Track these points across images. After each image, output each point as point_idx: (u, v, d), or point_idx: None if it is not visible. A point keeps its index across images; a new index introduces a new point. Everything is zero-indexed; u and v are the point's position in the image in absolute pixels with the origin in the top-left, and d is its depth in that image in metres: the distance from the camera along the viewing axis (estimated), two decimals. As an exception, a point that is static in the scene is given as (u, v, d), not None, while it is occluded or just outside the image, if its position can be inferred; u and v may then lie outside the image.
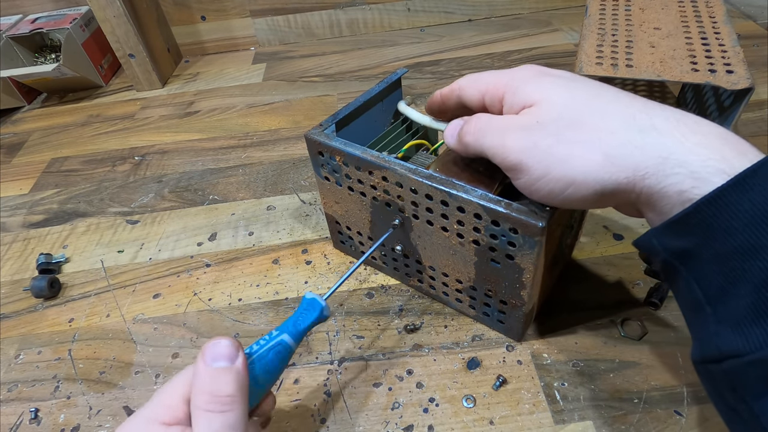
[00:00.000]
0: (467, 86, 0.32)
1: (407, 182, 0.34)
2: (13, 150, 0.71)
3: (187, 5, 0.87)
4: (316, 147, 0.39)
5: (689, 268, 0.23)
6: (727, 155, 0.22)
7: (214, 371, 0.24)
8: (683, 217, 0.22)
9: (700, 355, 0.23)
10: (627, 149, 0.24)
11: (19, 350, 0.43)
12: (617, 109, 0.25)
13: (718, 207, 0.21)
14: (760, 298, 0.20)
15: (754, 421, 0.21)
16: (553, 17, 0.91)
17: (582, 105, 0.26)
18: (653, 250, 0.25)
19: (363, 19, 0.91)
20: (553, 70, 0.29)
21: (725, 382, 0.22)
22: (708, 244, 0.22)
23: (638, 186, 0.24)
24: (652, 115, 0.24)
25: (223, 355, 0.25)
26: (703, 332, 0.23)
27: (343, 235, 0.46)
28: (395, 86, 0.45)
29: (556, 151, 0.25)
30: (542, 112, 0.26)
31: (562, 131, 0.25)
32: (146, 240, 0.53)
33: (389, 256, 0.42)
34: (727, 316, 0.21)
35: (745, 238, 0.20)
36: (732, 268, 0.21)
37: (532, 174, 0.27)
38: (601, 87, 0.27)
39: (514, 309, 0.36)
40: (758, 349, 0.20)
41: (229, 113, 0.74)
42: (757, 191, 0.20)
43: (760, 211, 0.20)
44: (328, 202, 0.43)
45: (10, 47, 0.80)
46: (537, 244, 0.30)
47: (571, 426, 0.33)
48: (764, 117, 0.59)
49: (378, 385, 0.37)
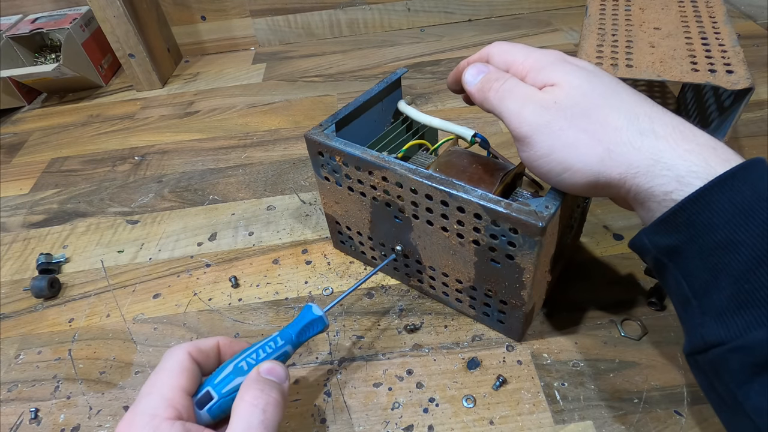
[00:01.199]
0: (496, 55, 0.32)
1: (407, 182, 0.34)
2: (13, 150, 0.71)
3: (187, 5, 0.87)
4: (316, 147, 0.39)
5: (677, 264, 0.25)
6: (712, 163, 0.24)
7: (267, 379, 0.27)
8: (671, 215, 0.24)
9: (689, 348, 0.24)
10: (626, 148, 0.25)
11: (19, 350, 0.43)
12: (627, 108, 0.26)
13: (701, 205, 0.23)
14: (739, 289, 0.22)
15: (739, 407, 0.22)
16: (553, 17, 0.91)
17: (598, 97, 0.27)
18: (645, 249, 0.26)
19: (363, 19, 0.91)
20: (577, 59, 0.30)
21: (712, 372, 0.23)
22: (693, 241, 0.23)
23: (629, 182, 0.26)
24: (654, 120, 0.26)
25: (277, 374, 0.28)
26: (691, 325, 0.24)
27: (343, 235, 0.46)
28: (395, 86, 0.45)
29: (564, 135, 0.27)
30: (562, 94, 0.28)
31: (576, 117, 0.27)
32: (146, 240, 0.53)
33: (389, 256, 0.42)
34: (710, 308, 0.23)
35: (725, 233, 0.22)
36: (714, 263, 0.23)
37: (537, 150, 0.28)
38: (618, 84, 0.28)
39: (514, 309, 0.36)
40: (738, 336, 0.21)
41: (229, 113, 0.74)
42: (736, 191, 0.22)
43: (739, 209, 0.22)
44: (328, 202, 0.43)
45: (10, 47, 0.80)
46: (537, 244, 0.30)
47: (571, 426, 0.33)
48: (764, 117, 0.59)
49: (378, 385, 0.37)
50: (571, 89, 0.27)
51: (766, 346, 0.20)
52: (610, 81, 0.28)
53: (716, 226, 0.22)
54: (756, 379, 0.21)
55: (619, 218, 0.48)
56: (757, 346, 0.21)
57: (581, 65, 0.29)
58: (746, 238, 0.22)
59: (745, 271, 0.21)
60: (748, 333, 0.21)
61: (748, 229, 0.22)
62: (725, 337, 0.22)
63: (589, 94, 0.27)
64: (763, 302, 0.21)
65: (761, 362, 0.21)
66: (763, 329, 0.21)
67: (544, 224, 0.28)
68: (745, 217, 0.22)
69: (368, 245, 0.44)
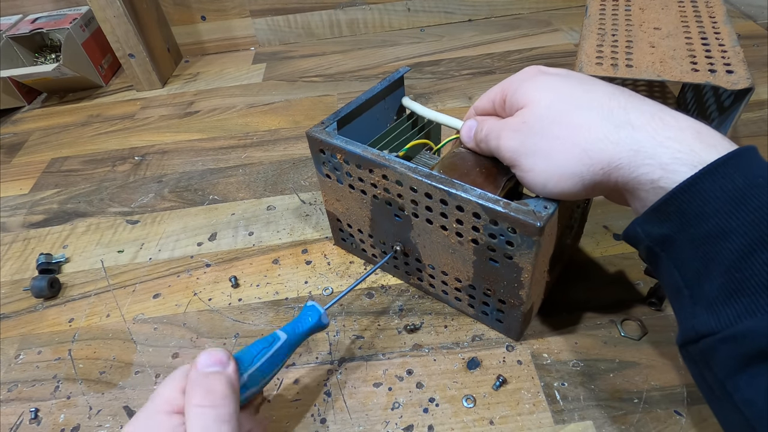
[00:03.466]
0: (478, 103, 0.35)
1: (407, 181, 0.34)
2: (13, 150, 0.71)
3: (187, 5, 0.87)
4: (318, 145, 0.39)
5: (669, 254, 0.24)
6: (696, 148, 0.23)
7: (207, 373, 0.26)
8: (662, 204, 0.24)
9: (681, 338, 0.24)
10: (603, 144, 0.26)
11: (19, 350, 0.43)
12: (598, 105, 0.27)
13: (691, 194, 0.23)
14: (730, 279, 0.21)
15: (728, 399, 0.21)
16: (553, 17, 0.91)
17: (565, 104, 0.28)
18: (638, 238, 0.26)
19: (363, 19, 0.91)
20: (551, 69, 0.31)
21: (702, 362, 0.23)
22: (684, 230, 0.23)
23: (613, 176, 0.26)
24: (629, 110, 0.26)
25: (215, 362, 0.26)
26: (683, 315, 0.24)
27: (344, 232, 0.46)
28: (397, 85, 0.45)
29: (538, 148, 0.28)
30: (528, 113, 0.29)
31: (546, 129, 0.28)
32: (146, 240, 0.53)
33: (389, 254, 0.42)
34: (702, 298, 0.23)
35: (716, 222, 0.22)
36: (705, 252, 0.22)
37: (522, 168, 0.29)
38: (590, 82, 0.29)
39: (513, 308, 0.36)
40: (728, 326, 0.21)
41: (229, 113, 0.74)
42: (727, 179, 0.22)
43: (730, 198, 0.22)
44: (329, 199, 0.43)
45: (10, 47, 0.80)
46: (535, 244, 0.30)
47: (571, 426, 0.33)
48: (764, 117, 0.59)
49: (378, 385, 0.37)
50: (536, 106, 0.29)
51: (755, 336, 0.20)
52: (580, 82, 0.29)
53: (707, 214, 0.22)
54: (746, 370, 0.21)
55: (619, 218, 0.48)
56: (748, 335, 0.20)
57: (552, 73, 0.30)
58: (738, 226, 0.21)
59: (737, 260, 0.21)
60: (739, 322, 0.21)
61: (740, 217, 0.21)
62: (715, 327, 0.21)
63: (556, 102, 0.28)
64: (754, 291, 0.20)
65: (751, 353, 0.20)
66: (754, 319, 0.20)
67: (542, 224, 0.28)
68: (736, 204, 0.21)
69: (369, 243, 0.44)
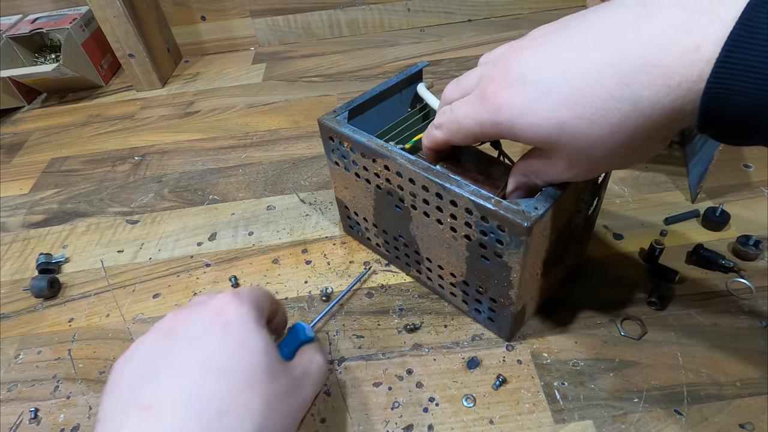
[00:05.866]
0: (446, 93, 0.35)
1: (406, 172, 0.34)
2: (13, 150, 0.71)
3: (187, 5, 0.87)
4: (327, 132, 0.40)
5: None
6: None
7: None
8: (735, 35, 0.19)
9: None
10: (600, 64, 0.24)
11: (19, 350, 0.43)
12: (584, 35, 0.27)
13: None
14: None
15: None
16: (553, 17, 0.90)
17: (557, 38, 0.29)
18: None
19: (363, 19, 0.91)
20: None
21: None
22: None
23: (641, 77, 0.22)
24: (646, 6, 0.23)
25: None
26: None
27: (352, 220, 0.47)
28: (415, 78, 0.46)
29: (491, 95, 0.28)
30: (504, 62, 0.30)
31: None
32: (146, 240, 0.53)
33: (391, 244, 0.43)
34: None
35: None
36: None
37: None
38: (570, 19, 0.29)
39: (503, 308, 0.36)
40: None
41: (229, 113, 0.74)
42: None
43: None
44: (338, 186, 0.44)
45: (10, 47, 0.80)
46: (522, 244, 0.30)
47: (571, 425, 0.33)
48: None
49: (378, 385, 0.37)
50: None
51: None
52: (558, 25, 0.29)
53: None
54: None
55: (620, 218, 0.48)
56: None
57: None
58: None
59: None
60: None
61: None
62: None
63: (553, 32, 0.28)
64: None
65: None
66: None
67: (530, 224, 0.28)
68: None
69: (373, 232, 0.45)
